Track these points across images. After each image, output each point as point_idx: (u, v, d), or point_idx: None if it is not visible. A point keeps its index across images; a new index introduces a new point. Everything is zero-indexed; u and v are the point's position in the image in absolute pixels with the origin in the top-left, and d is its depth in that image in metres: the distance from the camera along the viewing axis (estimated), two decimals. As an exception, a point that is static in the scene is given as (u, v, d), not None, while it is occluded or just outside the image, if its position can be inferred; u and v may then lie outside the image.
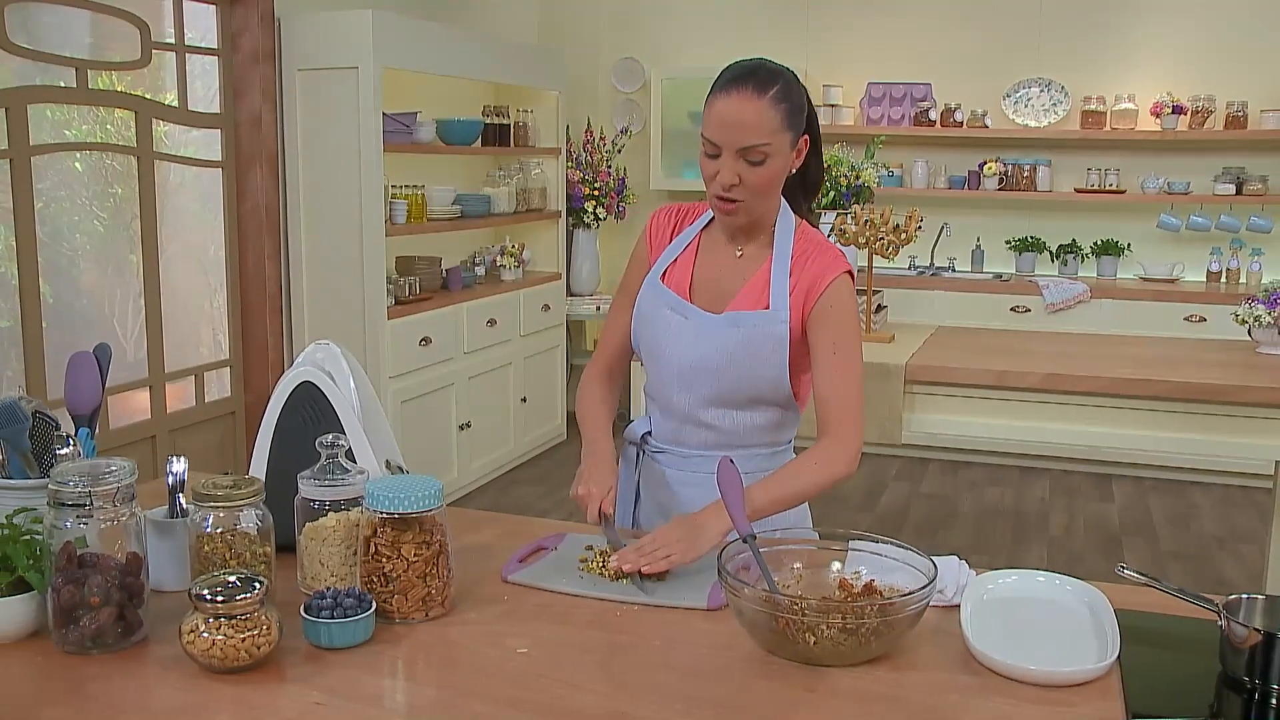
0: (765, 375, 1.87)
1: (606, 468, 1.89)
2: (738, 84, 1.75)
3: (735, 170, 1.77)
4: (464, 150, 5.36)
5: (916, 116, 6.00)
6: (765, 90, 1.75)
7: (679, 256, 1.97)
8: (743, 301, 1.89)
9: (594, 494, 1.83)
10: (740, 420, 1.92)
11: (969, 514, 5.05)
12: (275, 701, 1.31)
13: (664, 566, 1.65)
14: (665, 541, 1.67)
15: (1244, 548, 4.64)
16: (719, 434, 1.93)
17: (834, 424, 1.82)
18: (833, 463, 1.80)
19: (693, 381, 1.91)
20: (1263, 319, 3.53)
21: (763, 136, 1.75)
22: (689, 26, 6.49)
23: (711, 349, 1.88)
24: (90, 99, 3.94)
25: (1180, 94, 5.63)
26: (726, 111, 1.75)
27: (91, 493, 1.40)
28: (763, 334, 1.86)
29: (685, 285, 1.94)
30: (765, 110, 1.74)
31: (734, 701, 1.34)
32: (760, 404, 1.91)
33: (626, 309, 2.02)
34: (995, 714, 1.32)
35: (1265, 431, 3.22)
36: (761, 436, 1.95)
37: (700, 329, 1.89)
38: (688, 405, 1.93)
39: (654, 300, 1.95)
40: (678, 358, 1.91)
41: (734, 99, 1.74)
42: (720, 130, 1.76)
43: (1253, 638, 1.40)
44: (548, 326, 5.96)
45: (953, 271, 6.10)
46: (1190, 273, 5.78)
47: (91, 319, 4.15)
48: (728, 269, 1.93)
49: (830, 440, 1.81)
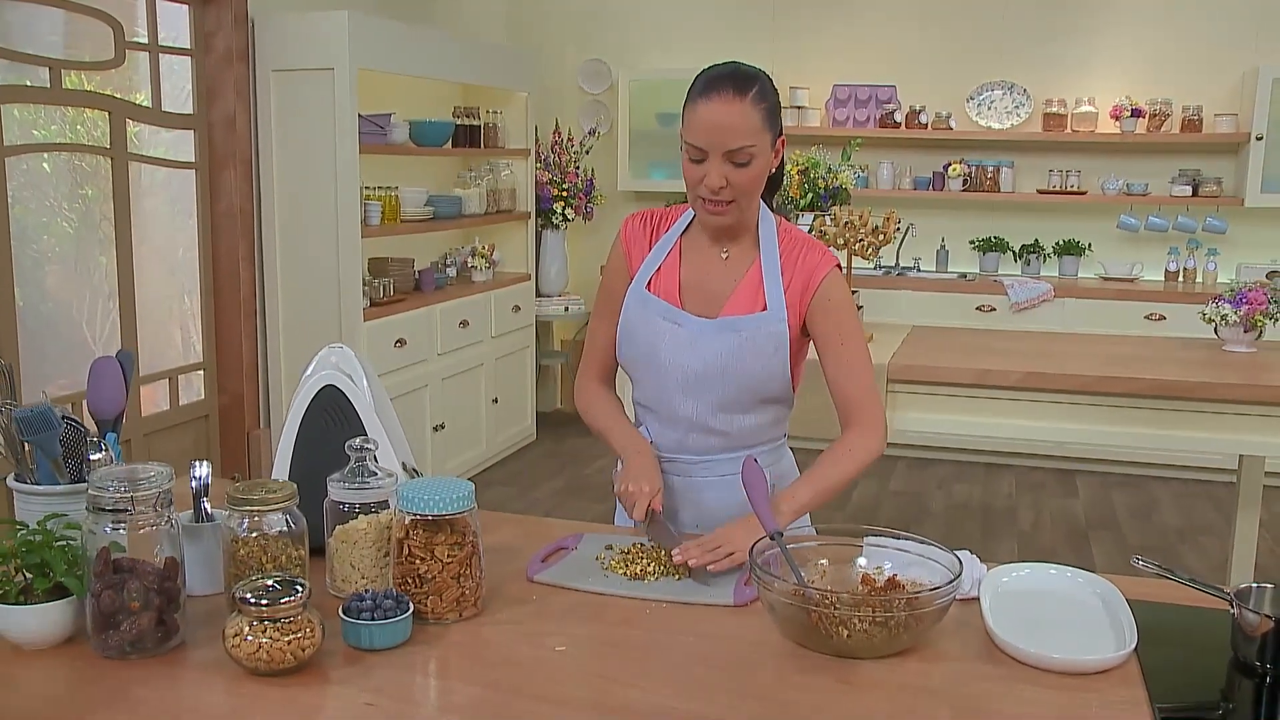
0: (769, 374, 1.90)
1: (651, 465, 1.90)
2: (718, 87, 1.77)
3: (723, 173, 1.79)
4: (435, 151, 5.36)
5: (882, 118, 6.09)
6: (746, 91, 1.77)
7: (662, 263, 1.97)
8: (737, 304, 1.91)
9: (644, 491, 1.83)
10: (747, 422, 1.95)
11: (939, 510, 5.13)
12: (325, 703, 1.33)
13: (728, 565, 1.67)
14: (728, 539, 1.70)
15: (1205, 540, 4.77)
16: (726, 438, 1.96)
17: (856, 411, 1.87)
18: (865, 448, 1.86)
19: (698, 389, 1.92)
20: (1229, 317, 3.64)
21: (748, 138, 1.77)
22: (656, 28, 6.53)
23: (713, 354, 1.89)
24: (64, 99, 3.89)
25: (1138, 97, 5.76)
26: (710, 115, 1.76)
27: (133, 498, 1.40)
28: (763, 335, 1.88)
29: (674, 292, 1.95)
30: (748, 111, 1.77)
31: (775, 694, 1.37)
32: (765, 403, 1.94)
33: (609, 317, 2.02)
34: (1025, 701, 1.36)
35: (1227, 427, 3.31)
36: (764, 434, 1.98)
37: (697, 336, 1.90)
38: (695, 413, 1.94)
39: (643, 310, 1.95)
40: (679, 366, 1.92)
41: (716, 103, 1.76)
42: (705, 134, 1.77)
43: (1265, 624, 1.46)
44: (518, 327, 5.97)
45: (918, 271, 6.19)
46: (1149, 272, 5.92)
47: (58, 322, 4.09)
48: (715, 271, 1.94)
49: (857, 428, 1.87)
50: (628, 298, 1.98)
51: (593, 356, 2.09)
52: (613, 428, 2.01)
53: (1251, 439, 3.30)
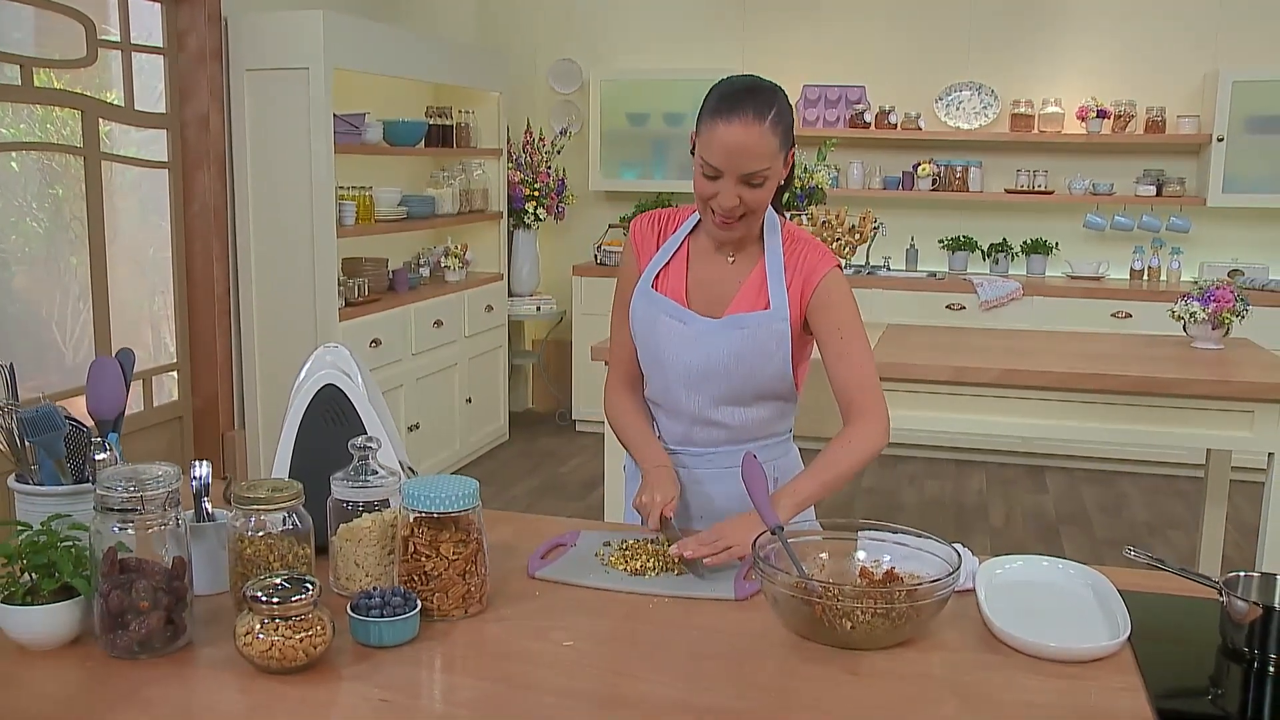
0: (770, 371, 1.94)
1: (668, 476, 1.93)
2: (738, 109, 1.77)
3: (736, 193, 1.82)
4: (409, 151, 5.35)
5: (852, 119, 6.14)
6: (765, 115, 1.78)
7: (669, 263, 2.01)
8: (742, 303, 1.95)
9: (656, 501, 1.86)
10: (749, 415, 1.99)
11: (912, 507, 5.19)
12: (340, 700, 1.34)
13: (725, 558, 1.70)
14: (725, 534, 1.73)
15: (1173, 533, 4.86)
16: (729, 431, 2.00)
17: (857, 403, 1.90)
18: (867, 438, 1.88)
19: (700, 384, 1.96)
20: (1198, 315, 3.71)
21: (765, 162, 1.80)
22: (626, 28, 6.55)
23: (716, 351, 1.93)
24: (35, 97, 3.85)
25: (1104, 99, 5.86)
26: (730, 139, 1.77)
27: (142, 498, 1.40)
28: (766, 332, 1.92)
29: (681, 291, 1.99)
30: (766, 135, 1.78)
31: (783, 685, 1.39)
32: (765, 398, 1.98)
33: (628, 322, 2.06)
34: (1026, 689, 1.40)
35: (1197, 421, 3.39)
36: (767, 428, 2.02)
37: (701, 334, 1.95)
38: (696, 406, 1.99)
39: (649, 309, 2.00)
40: (682, 363, 1.96)
41: (736, 126, 1.77)
42: (724, 157, 1.79)
43: (1253, 612, 1.50)
44: (490, 327, 5.97)
45: (888, 270, 6.25)
46: (1115, 270, 6.02)
47: (27, 323, 4.05)
48: (721, 272, 1.98)
49: (858, 420, 1.90)
50: (635, 296, 2.02)
51: (617, 358, 2.12)
52: (635, 440, 2.04)
53: (1220, 433, 3.38)
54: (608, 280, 6.24)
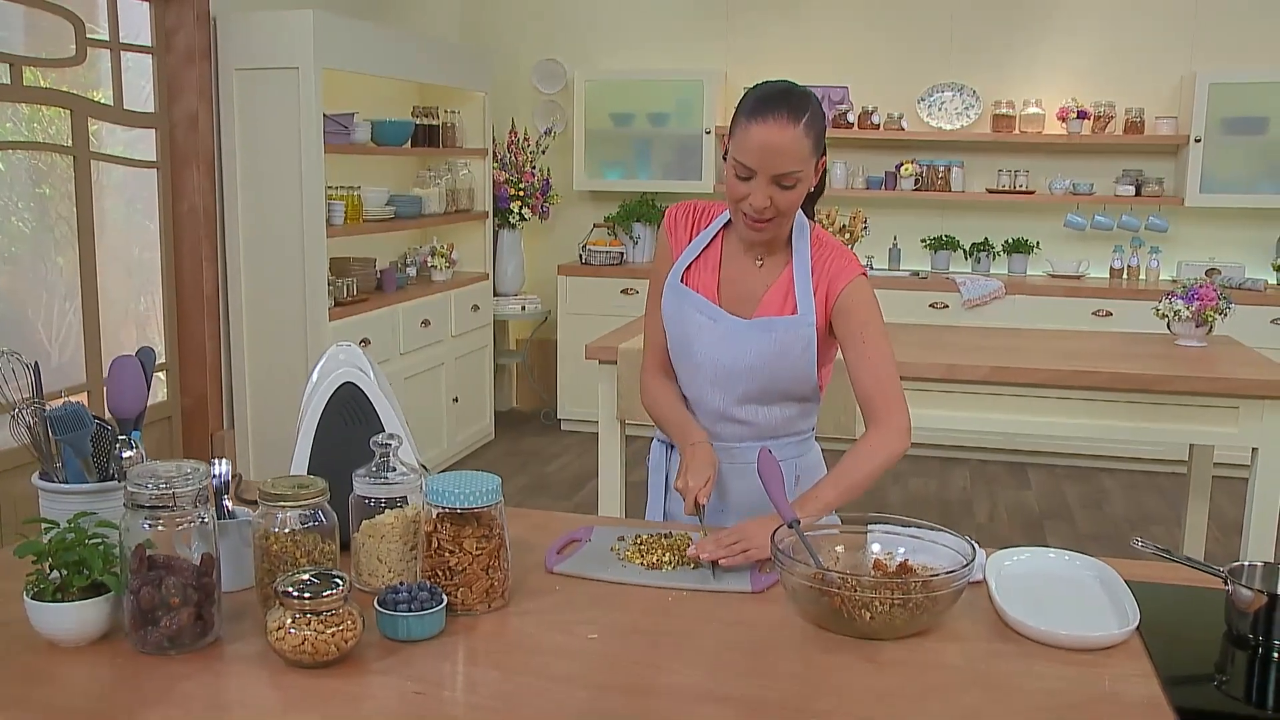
0: (795, 374, 1.97)
1: (705, 460, 1.95)
2: (773, 110, 1.80)
3: (768, 194, 1.84)
4: (396, 151, 5.36)
5: (835, 118, 6.18)
6: (799, 118, 1.81)
7: (700, 258, 2.04)
8: (769, 306, 1.97)
9: (690, 488, 1.89)
10: (772, 414, 2.02)
11: (897, 504, 5.24)
12: (374, 693, 1.35)
13: (742, 560, 1.72)
14: (744, 536, 1.75)
15: (1154, 529, 4.93)
16: (752, 428, 2.03)
17: (879, 408, 1.94)
18: (888, 443, 1.92)
19: (726, 382, 2.00)
20: (1181, 313, 3.77)
21: (797, 164, 1.82)
22: (610, 28, 6.57)
23: (745, 352, 1.96)
24: (24, 96, 3.83)
25: (1084, 99, 5.93)
26: (764, 139, 1.80)
27: (173, 495, 1.41)
28: (794, 336, 1.95)
29: (713, 288, 2.01)
30: (800, 138, 1.81)
31: (807, 675, 1.43)
32: (789, 399, 2.02)
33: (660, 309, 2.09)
34: (1043, 676, 1.43)
35: (1182, 417, 3.45)
36: (790, 426, 2.06)
37: (729, 333, 1.98)
38: (721, 403, 2.02)
39: (678, 303, 2.02)
40: (710, 360, 2.00)
41: (770, 127, 1.79)
42: (757, 157, 1.81)
43: (1258, 600, 1.55)
44: (477, 327, 5.98)
45: (872, 269, 6.30)
46: (1095, 269, 6.09)
47: (12, 323, 4.02)
48: (750, 272, 2.01)
49: (879, 425, 1.93)
50: (666, 289, 2.04)
51: (652, 346, 2.14)
52: (669, 417, 2.07)
53: (1206, 429, 3.44)
54: (592, 280, 6.27)
